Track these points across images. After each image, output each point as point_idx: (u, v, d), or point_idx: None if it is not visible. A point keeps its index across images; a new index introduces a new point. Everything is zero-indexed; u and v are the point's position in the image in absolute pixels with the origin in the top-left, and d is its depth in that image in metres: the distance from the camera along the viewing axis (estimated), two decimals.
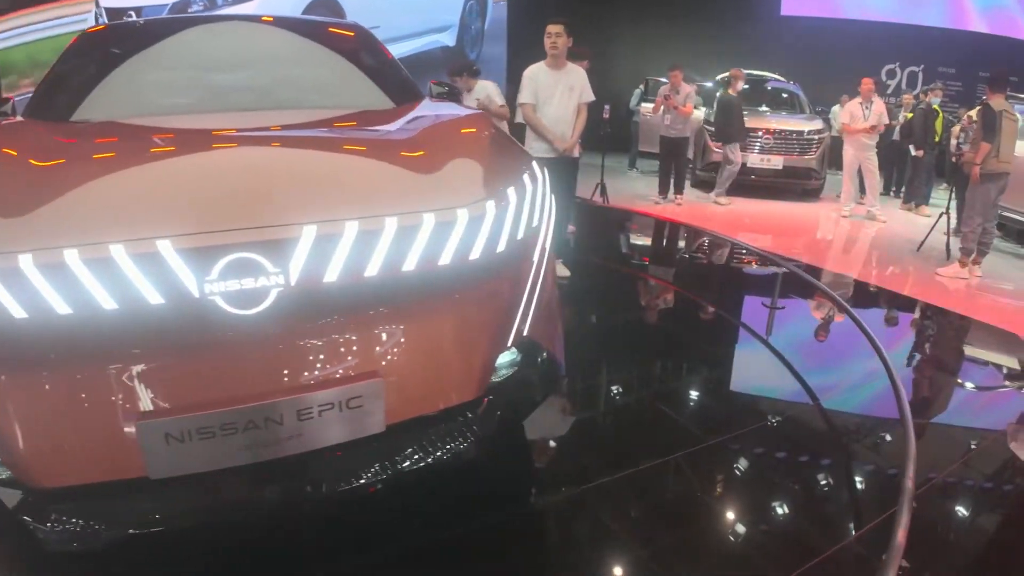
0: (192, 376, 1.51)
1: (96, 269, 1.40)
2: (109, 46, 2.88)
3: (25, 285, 1.37)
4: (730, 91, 8.46)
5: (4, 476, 1.48)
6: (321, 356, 1.57)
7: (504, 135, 2.32)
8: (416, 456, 1.71)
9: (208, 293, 1.45)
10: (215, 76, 2.76)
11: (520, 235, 1.86)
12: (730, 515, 2.31)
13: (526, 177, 1.99)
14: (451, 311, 1.71)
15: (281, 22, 3.14)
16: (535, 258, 1.96)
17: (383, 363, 1.61)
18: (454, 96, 3.40)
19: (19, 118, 2.54)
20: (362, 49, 3.14)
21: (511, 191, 1.86)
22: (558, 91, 4.50)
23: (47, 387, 1.45)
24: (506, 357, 1.87)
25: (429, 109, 2.62)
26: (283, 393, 1.53)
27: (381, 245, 1.57)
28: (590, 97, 4.67)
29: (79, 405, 1.46)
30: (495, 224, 1.76)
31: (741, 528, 2.24)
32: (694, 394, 3.32)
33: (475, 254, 1.70)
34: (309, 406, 1.53)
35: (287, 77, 2.82)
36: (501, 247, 1.77)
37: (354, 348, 1.60)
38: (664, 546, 2.13)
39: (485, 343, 1.77)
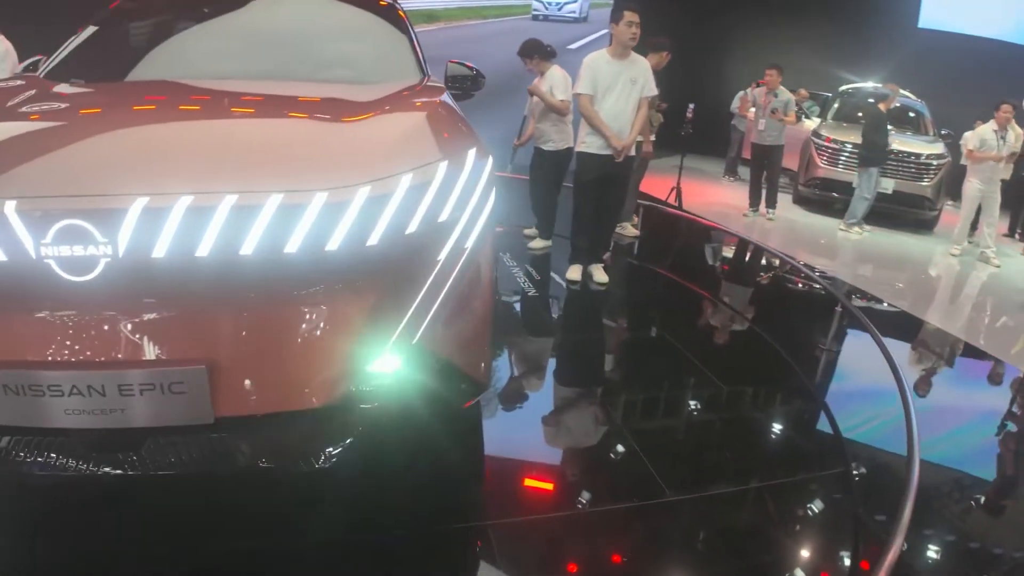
0: (29, 334, 1.51)
1: None
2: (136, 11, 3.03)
3: None
4: (881, 107, 7.54)
5: None
6: (145, 334, 1.52)
7: (448, 118, 2.13)
8: (253, 456, 1.64)
9: (43, 256, 1.45)
10: (227, 42, 2.83)
11: (411, 229, 1.70)
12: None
13: (443, 165, 1.81)
14: (302, 306, 1.60)
15: None
16: (440, 256, 1.78)
17: (212, 351, 1.54)
18: (472, 82, 3.27)
19: (45, 80, 2.64)
20: (392, 25, 3.11)
21: (406, 178, 1.70)
22: (619, 83, 4.19)
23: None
24: (385, 363, 1.72)
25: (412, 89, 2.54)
26: (105, 365, 1.50)
27: (216, 224, 1.49)
28: (652, 91, 4.35)
29: None
30: (366, 213, 1.61)
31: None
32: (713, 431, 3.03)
33: (333, 244, 1.57)
34: (129, 382, 1.49)
35: (308, 49, 2.84)
36: (373, 240, 1.62)
37: (180, 331, 1.54)
38: None
39: (347, 345, 1.64)
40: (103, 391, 1.50)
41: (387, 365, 1.72)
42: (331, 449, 1.69)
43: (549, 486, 2.43)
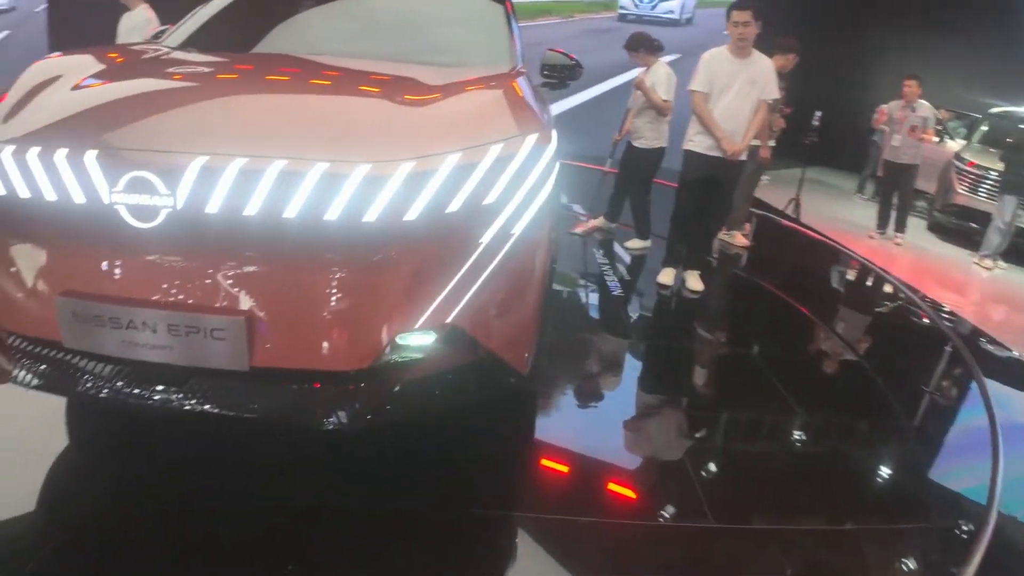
0: (99, 269, 1.67)
1: (48, 165, 1.63)
2: None
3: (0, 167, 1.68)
4: None
5: None
6: (194, 281, 1.63)
7: (511, 103, 2.09)
8: (279, 408, 1.72)
9: (114, 202, 1.60)
10: (340, 22, 3.01)
11: (452, 208, 1.71)
12: None
13: (494, 149, 1.80)
14: (338, 271, 1.64)
15: None
16: (483, 239, 1.77)
17: (252, 305, 1.62)
18: (568, 71, 3.24)
19: (161, 47, 2.80)
20: (494, 14, 3.17)
21: (452, 158, 1.71)
22: (737, 83, 3.99)
23: (9, 249, 1.74)
24: (416, 339, 1.75)
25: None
26: (160, 305, 1.63)
27: (264, 186, 1.57)
28: (773, 94, 4.12)
29: (27, 269, 1.73)
30: (407, 189, 1.64)
31: None
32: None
33: (371, 216, 1.61)
34: (176, 323, 1.60)
35: (413, 32, 2.95)
36: (411, 215, 1.65)
37: (225, 283, 1.63)
38: None
39: (378, 315, 1.67)
40: (154, 329, 1.64)
41: (418, 340, 1.75)
42: (355, 414, 1.74)
43: (592, 491, 2.35)
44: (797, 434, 2.94)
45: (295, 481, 2.18)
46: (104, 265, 1.68)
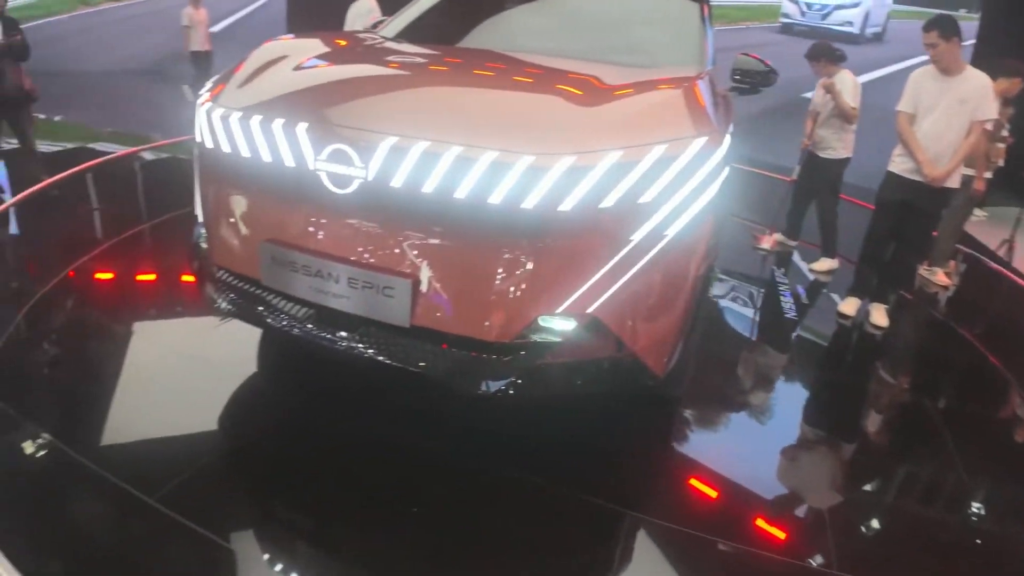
0: (298, 224, 1.98)
1: (267, 132, 1.96)
2: None
3: (229, 130, 2.05)
4: None
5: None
6: (375, 244, 1.88)
7: (684, 106, 2.09)
8: (433, 364, 1.90)
9: (317, 169, 1.88)
10: (544, 20, 3.20)
11: (605, 204, 1.78)
12: None
13: (656, 149, 1.83)
14: (494, 251, 1.79)
15: None
16: (634, 236, 1.83)
17: (419, 271, 1.83)
18: (761, 77, 3.17)
19: (377, 36, 3.12)
20: (690, 16, 3.18)
21: (612, 155, 1.78)
22: (943, 102, 3.67)
23: (229, 199, 2.13)
24: (557, 323, 1.86)
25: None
26: (344, 260, 1.90)
27: (440, 168, 1.76)
28: (989, 114, 3.68)
29: (241, 216, 2.11)
30: (564, 181, 1.73)
31: None
32: None
33: (529, 203, 1.73)
34: (355, 277, 1.87)
35: (610, 33, 3.08)
36: (565, 207, 1.74)
37: (401, 249, 1.85)
38: None
39: (524, 295, 1.80)
40: (337, 280, 1.91)
41: (559, 324, 1.85)
42: (494, 381, 1.90)
43: (713, 509, 2.33)
44: (958, 501, 2.62)
45: (441, 436, 2.42)
46: (302, 221, 1.98)
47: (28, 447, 2.22)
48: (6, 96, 4.75)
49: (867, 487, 2.64)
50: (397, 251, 1.87)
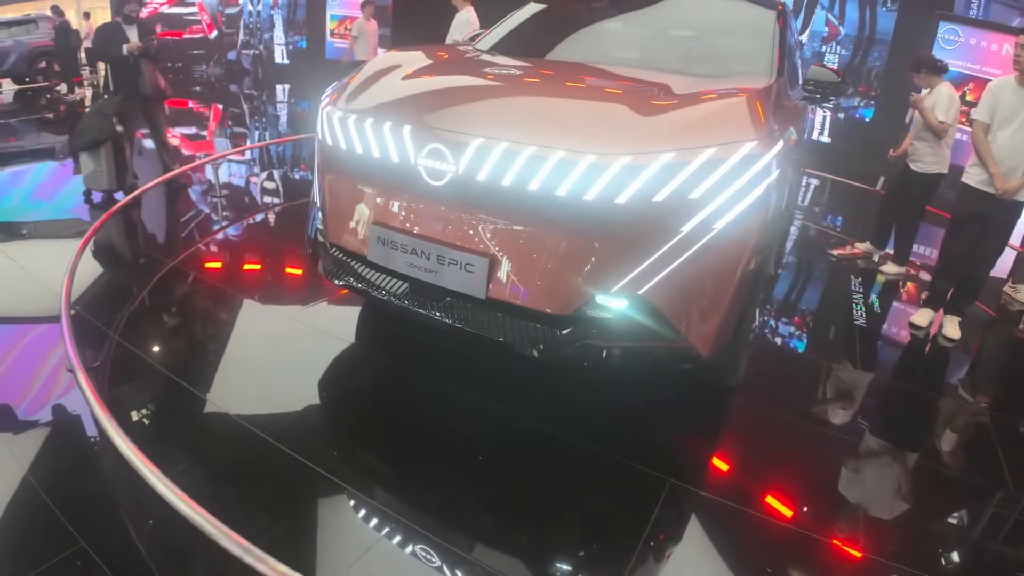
0: (399, 210, 2.38)
1: (377, 132, 2.38)
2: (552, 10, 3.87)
3: (346, 130, 2.48)
4: None
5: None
6: (460, 228, 2.24)
7: (740, 113, 2.33)
8: (503, 331, 2.24)
9: (418, 163, 2.27)
10: (626, 34, 3.55)
11: (658, 198, 2.05)
12: None
13: (706, 151, 2.08)
14: (558, 235, 2.12)
15: None
16: (683, 228, 2.09)
17: (496, 251, 2.18)
18: (834, 87, 3.32)
19: (472, 48, 3.53)
20: (765, 29, 3.36)
21: (665, 156, 2.04)
22: (1021, 115, 3.72)
23: (343, 188, 2.56)
24: (612, 301, 2.14)
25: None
26: (435, 241, 2.28)
27: (517, 164, 2.09)
28: None
29: (353, 202, 2.52)
30: (621, 177, 2.02)
31: None
32: None
33: (590, 195, 2.03)
34: (443, 255, 2.24)
35: (687, 45, 3.37)
36: (621, 199, 2.03)
37: (482, 232, 2.20)
38: None
39: (582, 275, 2.11)
40: (428, 256, 2.29)
41: (612, 303, 2.14)
42: (553, 350, 2.21)
43: (756, 490, 2.48)
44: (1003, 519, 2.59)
45: (516, 400, 2.78)
46: (403, 207, 2.38)
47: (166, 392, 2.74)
48: (143, 93, 5.46)
49: (918, 498, 2.63)
50: (478, 234, 2.24)
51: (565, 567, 2.04)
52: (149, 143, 6.45)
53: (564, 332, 2.20)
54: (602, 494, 2.34)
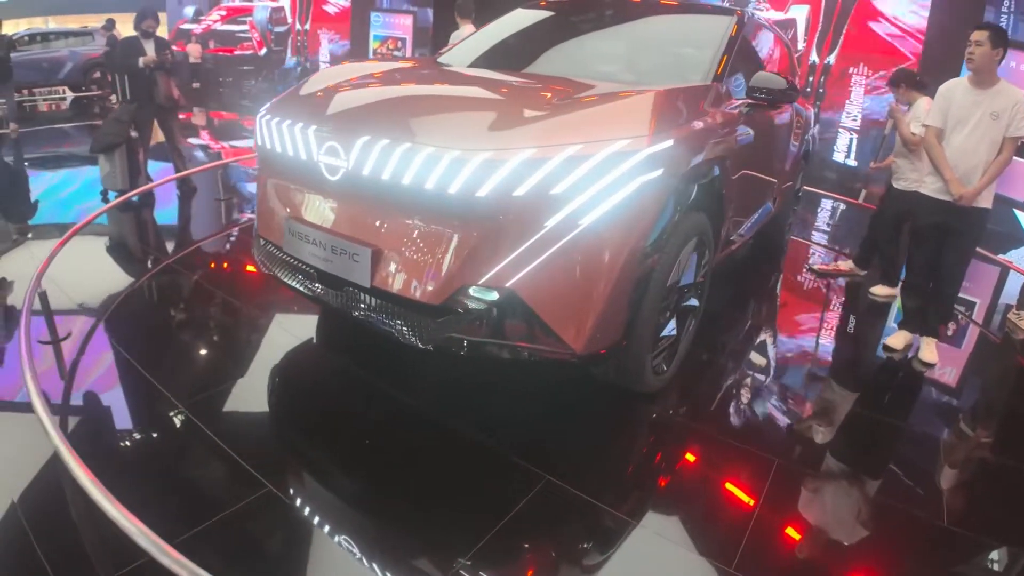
0: (305, 204, 2.60)
1: (291, 134, 2.60)
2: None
3: (271, 132, 2.72)
4: None
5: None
6: (350, 219, 2.44)
7: (624, 114, 2.44)
8: (388, 320, 2.40)
9: (319, 160, 2.47)
10: (580, 46, 3.72)
11: (519, 192, 2.16)
12: None
13: (571, 149, 2.18)
14: (428, 227, 2.28)
15: (660, 8, 3.89)
16: (547, 223, 2.19)
17: (378, 242, 2.36)
18: (781, 94, 3.33)
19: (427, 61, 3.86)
20: (714, 36, 3.47)
21: (525, 152, 2.16)
22: (975, 117, 3.58)
23: (270, 184, 2.81)
24: (481, 293, 2.25)
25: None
26: (329, 232, 2.48)
27: (394, 159, 2.25)
28: (1021, 132, 3.54)
29: (275, 198, 2.77)
30: (480, 172, 2.15)
31: None
32: None
33: (453, 189, 2.17)
34: (335, 246, 2.43)
35: (627, 55, 3.55)
36: (482, 193, 2.15)
37: (367, 224, 2.39)
38: None
39: (452, 267, 2.24)
40: (325, 247, 2.49)
41: (481, 294, 2.26)
42: (427, 334, 2.34)
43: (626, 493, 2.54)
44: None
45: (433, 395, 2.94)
46: (309, 201, 2.61)
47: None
48: (158, 103, 5.90)
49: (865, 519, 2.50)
50: (364, 225, 2.42)
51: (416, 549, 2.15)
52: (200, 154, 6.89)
53: (438, 321, 2.33)
54: (480, 484, 2.46)
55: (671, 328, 2.95)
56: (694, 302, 3.17)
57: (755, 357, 3.87)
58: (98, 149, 5.74)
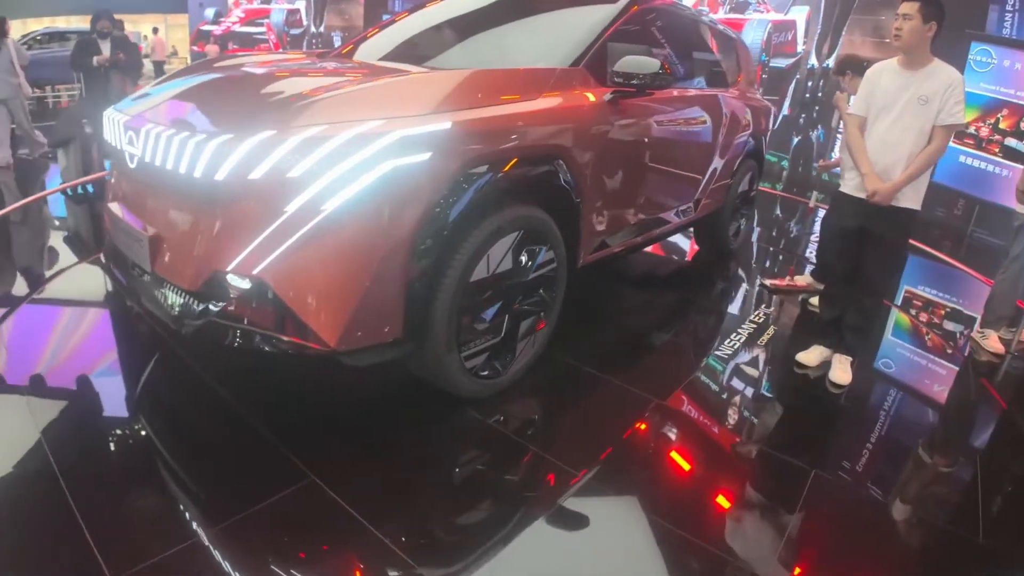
0: (117, 190, 2.75)
1: (113, 124, 2.70)
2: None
3: (105, 125, 2.81)
4: None
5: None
6: (139, 205, 2.57)
7: (382, 97, 2.43)
8: (156, 301, 2.45)
9: (124, 148, 2.57)
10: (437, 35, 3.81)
11: (254, 176, 2.16)
12: None
13: (312, 131, 2.18)
14: (185, 213, 2.36)
15: None
16: (287, 208, 2.16)
17: (157, 227, 2.45)
18: (649, 79, 3.16)
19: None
20: (589, 19, 3.48)
21: (264, 135, 2.17)
22: (901, 102, 3.22)
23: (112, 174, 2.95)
24: (232, 280, 2.25)
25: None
26: (126, 218, 2.60)
27: (160, 147, 2.34)
28: (954, 120, 3.14)
29: (110, 191, 2.91)
30: (218, 155, 2.17)
31: None
32: None
33: (198, 173, 2.21)
34: (129, 232, 2.53)
35: (494, 41, 3.59)
36: (220, 176, 2.17)
37: (147, 208, 2.51)
38: None
39: (201, 254, 2.27)
40: (125, 233, 2.62)
41: (234, 282, 2.27)
42: (188, 321, 2.37)
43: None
44: None
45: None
46: (119, 188, 2.76)
47: None
48: (112, 101, 6.14)
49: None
50: (146, 210, 2.53)
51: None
52: None
53: (198, 309, 2.35)
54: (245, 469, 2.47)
55: (496, 328, 2.86)
56: (542, 302, 3.09)
57: (629, 368, 3.53)
58: (56, 144, 6.03)
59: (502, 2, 3.90)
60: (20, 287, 4.09)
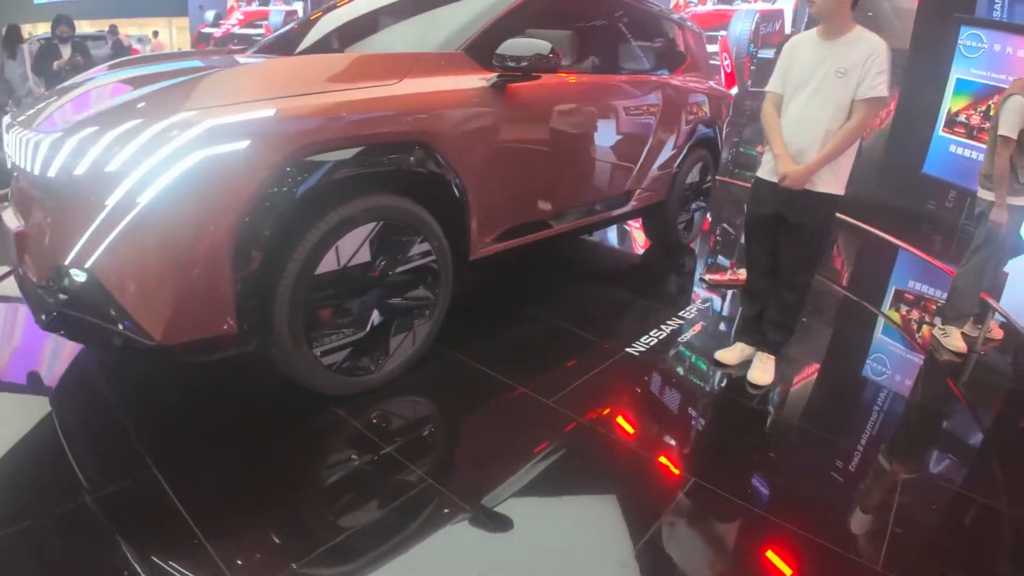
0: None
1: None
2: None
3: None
4: None
5: None
6: (21, 204, 2.61)
7: (226, 87, 2.41)
8: (32, 297, 2.49)
9: (29, 152, 2.52)
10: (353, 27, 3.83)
11: (78, 172, 2.21)
12: None
13: (134, 123, 2.23)
14: (35, 209, 2.44)
15: None
16: (108, 202, 2.18)
17: (25, 225, 2.52)
18: (541, 62, 3.07)
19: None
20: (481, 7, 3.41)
21: (88, 131, 2.25)
22: (818, 76, 2.98)
23: None
24: (74, 273, 2.27)
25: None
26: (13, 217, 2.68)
27: (41, 149, 2.37)
28: (876, 93, 2.87)
29: None
30: (51, 153, 2.28)
31: None
32: None
33: (44, 171, 2.30)
34: (16, 228, 2.54)
35: (396, 27, 3.63)
36: (51, 173, 2.27)
37: (19, 207, 2.62)
38: None
39: (45, 248, 2.35)
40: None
41: (75, 275, 2.30)
42: (43, 314, 2.42)
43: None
44: None
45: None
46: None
47: None
48: None
49: None
50: (19, 209, 2.64)
51: None
52: None
53: (48, 302, 2.39)
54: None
55: (360, 323, 2.81)
56: (424, 298, 3.04)
57: (524, 366, 3.36)
58: None
59: None
60: None
